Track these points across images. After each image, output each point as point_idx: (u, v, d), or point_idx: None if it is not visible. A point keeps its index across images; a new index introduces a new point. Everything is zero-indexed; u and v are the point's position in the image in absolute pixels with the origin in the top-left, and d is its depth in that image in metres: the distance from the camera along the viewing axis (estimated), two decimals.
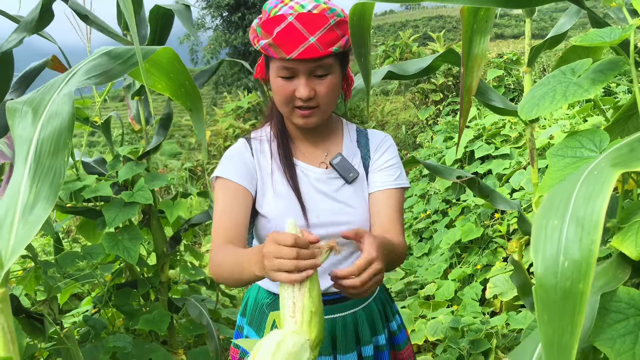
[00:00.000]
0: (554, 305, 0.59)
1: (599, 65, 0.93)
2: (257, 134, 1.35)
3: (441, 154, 5.04)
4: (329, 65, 1.19)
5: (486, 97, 1.74)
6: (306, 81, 1.18)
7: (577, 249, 0.58)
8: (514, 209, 1.71)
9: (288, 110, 1.23)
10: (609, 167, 0.62)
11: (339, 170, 1.29)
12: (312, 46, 1.13)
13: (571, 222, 0.60)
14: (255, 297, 1.37)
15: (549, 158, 0.96)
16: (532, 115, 0.96)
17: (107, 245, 2.18)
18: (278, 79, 1.19)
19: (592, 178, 0.62)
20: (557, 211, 0.63)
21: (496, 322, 2.55)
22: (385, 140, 1.37)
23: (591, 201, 0.59)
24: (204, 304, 2.43)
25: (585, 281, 0.57)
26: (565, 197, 0.63)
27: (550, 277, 0.60)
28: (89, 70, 0.90)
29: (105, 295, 2.33)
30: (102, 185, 2.26)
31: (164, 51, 1.02)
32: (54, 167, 0.78)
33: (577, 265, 0.58)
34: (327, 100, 1.22)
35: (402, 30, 8.53)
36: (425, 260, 3.85)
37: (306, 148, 1.34)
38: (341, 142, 1.35)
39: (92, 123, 2.43)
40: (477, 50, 1.31)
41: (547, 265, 0.61)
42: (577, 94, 0.91)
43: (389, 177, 1.30)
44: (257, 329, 1.33)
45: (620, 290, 0.86)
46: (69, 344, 1.90)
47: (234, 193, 1.23)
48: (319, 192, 1.28)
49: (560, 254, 0.60)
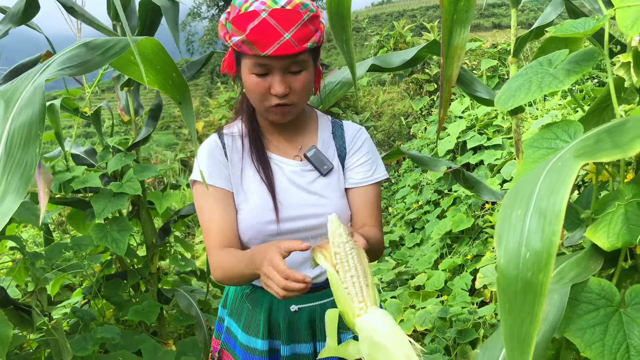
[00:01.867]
0: (515, 296, 0.60)
1: (575, 56, 0.93)
2: (229, 129, 1.34)
3: (434, 145, 5.04)
4: (303, 61, 1.18)
5: (472, 89, 1.74)
6: (281, 78, 1.17)
7: (539, 239, 0.59)
8: (499, 199, 1.72)
9: (263, 107, 1.22)
10: (573, 158, 0.63)
11: (314, 162, 1.29)
12: (287, 42, 1.12)
13: (534, 213, 0.61)
14: (236, 288, 1.38)
15: (525, 149, 0.96)
16: (508, 106, 0.97)
17: (95, 237, 2.18)
18: (252, 76, 1.18)
19: (556, 169, 0.63)
20: (522, 202, 0.63)
21: (485, 312, 2.57)
22: (360, 133, 1.37)
23: (554, 192, 0.59)
24: (194, 295, 2.44)
25: (545, 272, 0.58)
26: (529, 187, 0.64)
27: (512, 267, 0.61)
28: (65, 61, 0.90)
29: (95, 286, 2.33)
30: (91, 176, 2.26)
31: (147, 41, 0.99)
32: (25, 160, 0.78)
33: (538, 256, 0.59)
34: (302, 96, 1.22)
35: (399, 20, 8.48)
36: (417, 250, 3.87)
37: (280, 142, 1.33)
38: (315, 134, 1.35)
39: (82, 114, 2.43)
40: (457, 40, 1.30)
41: (509, 256, 0.61)
42: (552, 85, 0.91)
43: (365, 174, 1.31)
44: (237, 319, 1.34)
45: (592, 281, 0.86)
46: (57, 336, 1.91)
47: (215, 197, 1.24)
48: (294, 185, 1.28)
49: (522, 245, 0.60)
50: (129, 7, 2.24)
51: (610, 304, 0.85)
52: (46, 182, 1.41)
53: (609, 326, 0.83)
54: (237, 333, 1.34)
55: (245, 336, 1.31)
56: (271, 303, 1.30)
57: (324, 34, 1.23)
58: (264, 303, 1.30)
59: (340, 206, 1.28)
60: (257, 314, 1.30)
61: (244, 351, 1.30)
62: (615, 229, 0.86)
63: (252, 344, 1.29)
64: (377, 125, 7.60)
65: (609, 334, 0.82)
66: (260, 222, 1.24)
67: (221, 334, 1.40)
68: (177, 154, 7.72)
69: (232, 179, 1.28)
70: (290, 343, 1.28)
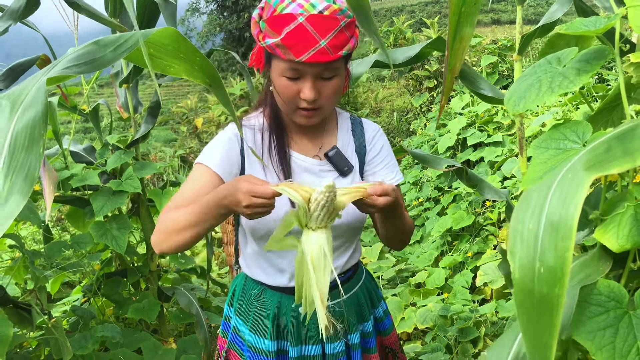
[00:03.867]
0: (532, 309, 0.62)
1: (585, 55, 0.92)
2: (250, 122, 1.32)
3: (434, 142, 5.03)
4: (336, 68, 1.16)
5: (475, 86, 1.73)
6: (312, 84, 1.14)
7: (552, 255, 0.60)
8: (502, 198, 1.71)
9: (290, 109, 1.20)
10: (583, 171, 0.62)
11: (335, 162, 1.27)
12: (323, 50, 1.09)
13: (546, 227, 0.61)
14: (243, 287, 1.36)
15: (533, 150, 0.95)
16: (520, 108, 0.95)
17: (95, 235, 2.16)
18: (282, 78, 1.16)
19: (567, 182, 0.63)
20: (533, 215, 0.63)
21: (485, 310, 2.57)
22: (380, 134, 1.37)
23: (565, 206, 0.59)
24: (194, 292, 2.42)
25: (560, 286, 0.59)
26: (540, 199, 0.64)
27: (527, 282, 0.62)
28: (75, 59, 0.88)
29: (95, 284, 2.32)
30: (89, 174, 2.24)
31: (164, 32, 0.95)
32: (29, 161, 0.76)
33: (552, 272, 0.60)
34: (331, 101, 1.20)
35: (398, 15, 8.46)
36: (417, 247, 3.86)
37: (300, 139, 1.31)
38: (335, 133, 1.34)
39: (81, 111, 2.41)
40: (464, 32, 1.29)
41: (524, 271, 0.63)
42: (562, 86, 0.89)
43: (389, 176, 1.31)
44: (245, 319, 1.33)
45: (601, 283, 0.85)
46: (57, 334, 1.90)
47: (210, 179, 1.21)
48: (311, 185, 1.26)
49: (536, 260, 0.61)
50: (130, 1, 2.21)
51: (620, 306, 0.84)
52: (51, 180, 1.39)
53: (619, 329, 0.82)
54: (244, 333, 1.32)
55: (253, 336, 1.29)
56: (280, 304, 1.29)
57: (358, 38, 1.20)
58: (272, 304, 1.29)
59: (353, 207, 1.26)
60: (265, 315, 1.29)
61: (252, 351, 1.29)
62: (625, 230, 0.86)
63: (260, 344, 1.28)
64: (376, 122, 7.59)
65: (619, 337, 0.81)
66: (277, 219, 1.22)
67: (228, 333, 1.39)
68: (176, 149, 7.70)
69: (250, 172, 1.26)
70: (298, 344, 1.27)
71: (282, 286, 1.30)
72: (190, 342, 2.41)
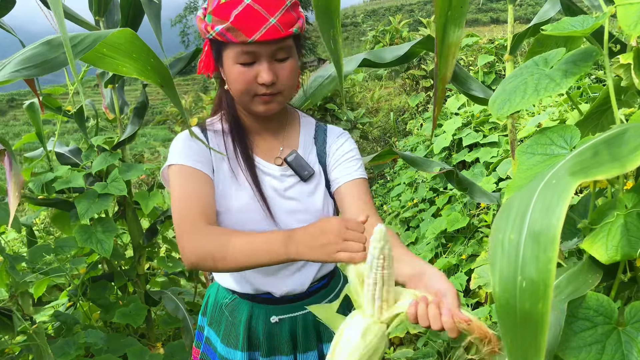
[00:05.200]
0: (515, 327, 0.57)
1: (572, 56, 0.87)
2: (214, 126, 1.28)
3: (430, 142, 4.99)
4: (289, 47, 1.14)
5: (466, 87, 1.68)
6: (268, 65, 1.12)
7: (534, 268, 0.55)
8: (493, 202, 1.66)
9: (248, 98, 1.16)
10: (567, 176, 0.57)
11: (294, 167, 1.23)
12: (274, 27, 1.08)
13: (528, 238, 0.56)
14: (215, 296, 1.32)
15: (518, 156, 0.91)
16: (504, 112, 0.91)
17: (79, 238, 2.12)
18: (236, 66, 1.12)
19: (550, 188, 0.58)
20: (514, 224, 0.58)
21: (480, 314, 2.52)
22: (341, 134, 1.32)
23: (548, 214, 0.54)
24: (181, 297, 2.38)
25: (544, 301, 0.54)
26: (522, 208, 0.58)
27: (509, 297, 0.57)
28: (24, 60, 0.83)
29: (80, 288, 2.28)
30: (74, 176, 2.20)
31: (121, 33, 0.97)
32: None
33: (534, 286, 0.55)
34: (289, 85, 1.17)
35: (396, 14, 8.41)
36: (412, 249, 3.81)
37: (262, 142, 1.27)
38: (297, 136, 1.30)
39: (65, 112, 2.36)
40: (451, 38, 1.25)
41: (505, 286, 0.58)
42: (548, 88, 0.85)
43: (352, 168, 1.24)
44: (217, 330, 1.29)
45: (589, 296, 0.81)
46: (38, 340, 1.86)
47: (196, 176, 1.15)
48: (273, 190, 1.22)
49: (517, 273, 0.56)
50: (112, 1, 2.17)
51: (609, 321, 0.80)
52: (17, 185, 1.34)
53: (606, 345, 0.77)
54: (216, 344, 1.28)
55: (224, 348, 1.25)
56: (251, 314, 1.24)
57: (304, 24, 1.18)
58: (243, 313, 1.25)
59: (321, 213, 1.22)
60: (236, 325, 1.25)
61: None
62: (614, 240, 0.81)
63: (231, 355, 1.24)
64: (372, 122, 7.53)
65: (605, 354, 0.77)
66: (247, 222, 1.18)
67: (201, 344, 1.35)
68: None
69: (217, 174, 1.21)
70: (270, 355, 1.23)
71: (253, 293, 1.25)
72: (178, 347, 2.37)
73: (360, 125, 7.18)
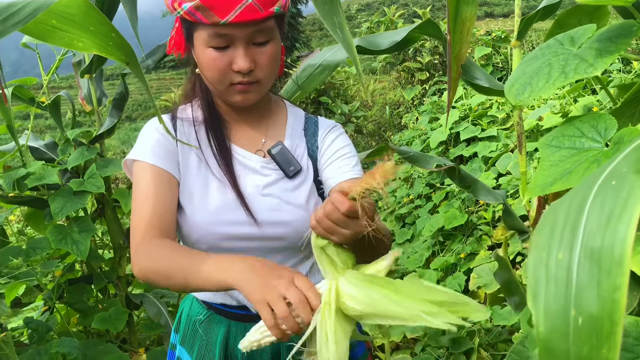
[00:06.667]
0: None
1: (607, 32, 0.73)
2: (186, 113, 1.13)
3: (426, 136, 4.85)
4: (270, 30, 0.99)
5: (470, 75, 1.54)
6: (245, 51, 0.97)
7: (594, 298, 0.40)
8: (499, 201, 1.53)
9: (222, 88, 1.02)
10: (632, 175, 0.43)
11: (279, 161, 1.08)
12: (251, 7, 0.93)
13: (583, 258, 0.41)
14: (188, 312, 1.17)
15: (541, 149, 0.77)
16: (524, 98, 0.77)
17: (53, 239, 1.97)
18: (208, 50, 0.98)
19: (610, 190, 0.43)
20: (562, 239, 0.43)
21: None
22: (334, 128, 1.18)
23: (611, 225, 0.40)
24: (163, 301, 2.24)
25: (610, 344, 0.38)
26: (571, 217, 0.44)
27: (559, 339, 0.41)
28: None
29: (56, 291, 2.13)
30: (48, 172, 2.05)
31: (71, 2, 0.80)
32: None
33: (596, 323, 0.39)
34: (269, 73, 1.03)
35: (390, 6, 8.27)
36: (408, 247, 3.68)
37: (242, 131, 1.13)
38: (284, 127, 1.15)
39: (39, 104, 2.21)
40: (466, 11, 1.11)
41: (553, 323, 0.41)
42: (579, 70, 0.71)
43: (346, 167, 1.09)
44: (190, 350, 1.14)
45: (629, 321, 0.68)
46: (7, 350, 1.71)
47: (158, 177, 1.02)
48: (253, 185, 1.08)
49: (570, 306, 0.40)
50: None
51: None
52: None
53: None
54: None
55: None
56: (228, 332, 1.10)
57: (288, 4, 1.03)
58: (219, 333, 1.10)
59: (307, 213, 1.07)
60: (211, 345, 1.10)
61: None
62: None
63: None
64: (367, 115, 7.39)
65: None
66: (219, 221, 1.03)
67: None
68: None
69: (184, 170, 1.07)
70: None
71: (229, 305, 1.11)
72: (162, 353, 2.23)
73: (354, 119, 7.04)
